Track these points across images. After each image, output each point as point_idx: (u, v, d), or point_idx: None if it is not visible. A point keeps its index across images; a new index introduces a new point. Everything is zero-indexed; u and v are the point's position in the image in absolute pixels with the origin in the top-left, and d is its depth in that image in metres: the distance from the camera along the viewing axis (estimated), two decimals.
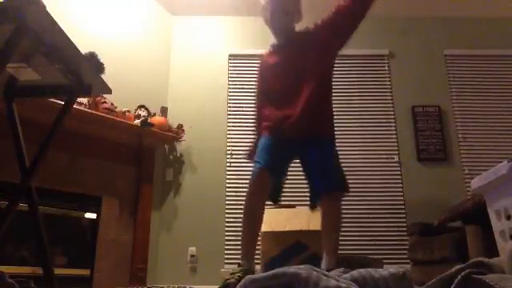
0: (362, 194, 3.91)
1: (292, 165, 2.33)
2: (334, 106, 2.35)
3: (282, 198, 3.21)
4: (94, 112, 3.13)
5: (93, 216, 3.26)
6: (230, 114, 4.16)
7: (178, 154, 4.04)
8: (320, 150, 2.16)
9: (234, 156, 4.02)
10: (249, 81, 4.26)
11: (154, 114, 3.75)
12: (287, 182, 2.45)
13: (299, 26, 2.46)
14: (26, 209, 1.55)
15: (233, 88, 4.24)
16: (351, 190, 3.90)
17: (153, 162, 3.76)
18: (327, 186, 2.10)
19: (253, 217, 2.10)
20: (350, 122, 4.14)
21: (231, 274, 1.95)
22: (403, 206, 3.88)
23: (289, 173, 2.35)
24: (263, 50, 4.34)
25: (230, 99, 4.21)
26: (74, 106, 2.83)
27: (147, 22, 4.15)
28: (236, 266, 2.09)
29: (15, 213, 1.47)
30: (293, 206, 3.24)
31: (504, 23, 4.44)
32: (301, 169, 2.29)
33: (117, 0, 3.88)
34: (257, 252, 3.62)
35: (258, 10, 2.64)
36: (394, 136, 4.10)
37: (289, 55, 2.30)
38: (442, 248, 2.61)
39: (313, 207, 2.24)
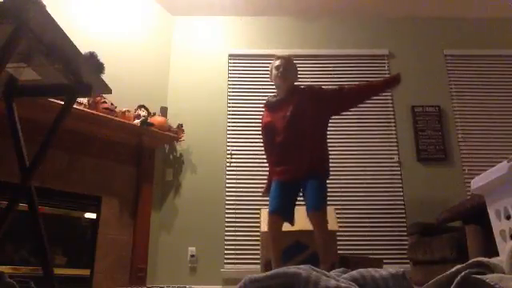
0: (362, 194, 3.91)
1: None
2: None
3: None
4: (93, 112, 3.13)
5: (93, 216, 3.26)
6: (229, 114, 4.16)
7: (178, 154, 4.04)
8: (314, 182, 2.62)
9: (234, 156, 4.02)
10: (249, 81, 4.27)
11: (154, 114, 3.75)
12: None
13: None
14: (26, 209, 1.55)
15: (233, 88, 4.24)
16: (351, 189, 3.94)
17: (153, 162, 3.76)
18: (309, 207, 2.56)
19: (277, 245, 2.64)
20: (349, 122, 4.14)
21: None
22: (403, 206, 3.88)
23: None
24: (263, 49, 4.38)
25: (229, 99, 4.21)
26: (74, 106, 2.83)
27: (147, 22, 4.15)
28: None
29: (15, 213, 1.47)
30: None
31: (504, 23, 4.45)
32: None
33: (117, 0, 3.89)
34: (257, 252, 3.63)
35: (258, 10, 2.82)
36: (394, 136, 4.10)
37: (291, 110, 2.71)
38: (442, 248, 2.61)
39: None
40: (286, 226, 2.79)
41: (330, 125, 2.84)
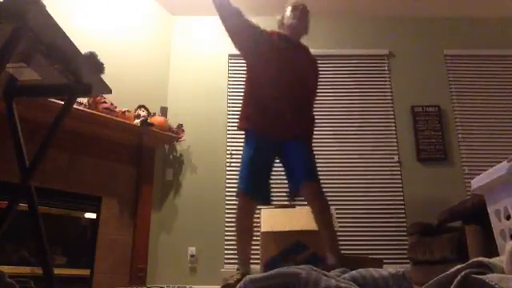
0: (362, 194, 3.91)
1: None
2: (333, 105, 2.77)
3: (282, 199, 3.24)
4: (93, 112, 3.13)
5: (93, 216, 3.26)
6: (229, 114, 4.15)
7: (178, 154, 4.04)
8: (302, 147, 2.40)
9: (234, 156, 4.02)
10: None
11: (154, 114, 3.75)
12: (285, 183, 2.52)
13: None
14: (26, 209, 1.55)
15: (233, 88, 4.24)
16: (351, 189, 3.93)
17: (153, 162, 3.76)
18: (307, 177, 2.30)
19: (244, 235, 2.38)
20: (349, 122, 4.13)
21: (231, 276, 2.19)
22: (403, 206, 3.88)
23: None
24: None
25: (229, 99, 4.21)
26: (74, 106, 2.83)
27: (147, 22, 4.15)
28: (235, 268, 2.36)
29: (15, 213, 1.47)
30: (293, 206, 3.23)
31: (504, 23, 4.45)
32: None
33: (117, 0, 3.88)
34: (257, 252, 3.63)
35: (258, 10, 2.81)
36: (394, 136, 4.10)
37: (294, 62, 2.56)
38: (442, 248, 2.61)
39: (294, 196, 2.48)
40: (286, 226, 2.79)
41: (328, 125, 2.83)
